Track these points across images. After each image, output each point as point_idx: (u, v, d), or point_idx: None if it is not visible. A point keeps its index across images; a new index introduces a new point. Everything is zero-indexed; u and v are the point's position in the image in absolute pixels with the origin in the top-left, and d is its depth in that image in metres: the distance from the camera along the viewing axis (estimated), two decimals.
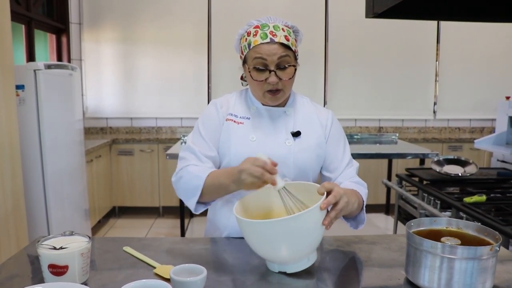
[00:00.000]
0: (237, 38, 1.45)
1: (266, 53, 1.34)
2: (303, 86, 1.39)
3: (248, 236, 1.14)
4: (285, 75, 1.38)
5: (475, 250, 0.99)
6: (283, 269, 1.15)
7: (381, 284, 1.11)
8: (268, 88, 1.39)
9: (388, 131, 5.38)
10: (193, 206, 1.39)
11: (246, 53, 1.39)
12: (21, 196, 2.63)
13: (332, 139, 1.52)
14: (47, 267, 1.04)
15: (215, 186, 1.33)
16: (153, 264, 1.20)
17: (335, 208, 1.13)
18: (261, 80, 1.37)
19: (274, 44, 1.34)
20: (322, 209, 1.09)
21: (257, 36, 1.35)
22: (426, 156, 3.77)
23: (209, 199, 1.40)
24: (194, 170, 1.38)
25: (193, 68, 5.14)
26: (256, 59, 1.35)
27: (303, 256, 1.13)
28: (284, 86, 1.40)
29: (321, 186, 1.17)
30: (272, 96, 1.41)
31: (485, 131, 5.47)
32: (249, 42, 1.37)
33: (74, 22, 4.90)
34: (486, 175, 2.86)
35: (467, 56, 5.31)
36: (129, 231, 4.41)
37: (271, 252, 1.12)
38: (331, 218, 1.12)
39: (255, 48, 1.35)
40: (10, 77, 2.52)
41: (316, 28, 5.13)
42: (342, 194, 1.15)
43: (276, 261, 1.15)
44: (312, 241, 1.12)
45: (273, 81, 1.36)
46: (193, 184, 1.36)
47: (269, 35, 1.34)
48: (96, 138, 4.67)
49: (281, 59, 1.35)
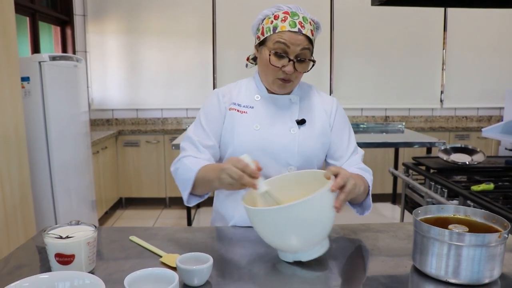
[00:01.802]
0: (260, 18, 1.43)
1: (291, 41, 1.33)
2: (308, 76, 1.38)
3: (258, 226, 1.12)
4: (302, 68, 1.39)
5: (483, 237, 0.98)
6: (297, 258, 1.14)
7: (388, 272, 1.11)
8: (281, 76, 1.39)
9: (394, 120, 5.35)
10: (186, 198, 1.40)
11: (268, 35, 1.38)
12: (28, 188, 2.65)
13: (337, 127, 1.51)
14: (53, 256, 1.04)
15: (204, 180, 1.33)
16: (159, 253, 1.20)
17: (343, 190, 1.12)
18: (278, 66, 1.37)
19: (301, 35, 1.34)
20: (333, 191, 1.08)
21: (285, 22, 1.34)
22: (433, 145, 3.74)
23: (201, 192, 1.40)
24: (188, 163, 1.38)
25: (198, 59, 5.13)
26: (278, 43, 1.34)
27: (316, 242, 1.12)
28: (296, 78, 1.41)
29: (327, 170, 1.16)
30: (282, 84, 1.41)
31: (492, 120, 5.42)
32: (275, 25, 1.36)
33: (78, 14, 4.89)
34: (493, 163, 2.84)
35: (474, 44, 5.25)
36: (136, 222, 4.43)
37: (284, 241, 1.10)
38: (341, 200, 1.11)
39: (280, 33, 1.34)
40: (15, 69, 2.52)
41: (321, 17, 5.04)
42: (349, 176, 1.14)
43: (290, 249, 1.13)
44: (324, 226, 1.11)
45: (290, 70, 1.36)
46: (186, 177, 1.36)
47: (298, 25, 1.34)
48: (102, 130, 4.68)
49: (303, 51, 1.36)
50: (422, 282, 1.06)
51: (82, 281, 0.89)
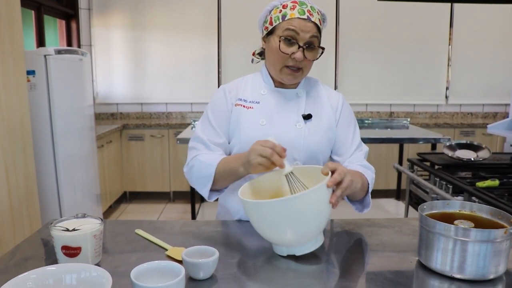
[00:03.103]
0: (268, 9, 1.44)
1: (300, 28, 1.34)
2: (313, 71, 1.37)
3: (254, 219, 1.13)
4: (311, 55, 1.38)
5: (489, 233, 0.98)
6: (291, 252, 1.14)
7: (393, 267, 1.11)
8: (290, 64, 1.38)
9: (399, 116, 5.33)
10: (207, 194, 1.40)
11: (277, 24, 1.38)
12: (33, 182, 2.66)
13: (343, 122, 1.51)
14: (60, 248, 1.05)
15: (225, 172, 1.34)
16: (165, 246, 1.20)
17: (340, 186, 1.13)
18: (287, 53, 1.36)
19: (310, 22, 1.35)
20: (329, 186, 1.08)
21: (294, 10, 1.35)
22: (438, 141, 3.73)
23: (221, 186, 1.41)
24: (205, 159, 1.39)
25: (203, 53, 5.12)
26: (288, 30, 1.35)
27: (311, 237, 1.13)
28: (305, 66, 1.40)
29: (324, 166, 1.16)
30: (291, 73, 1.40)
31: (498, 116, 5.39)
32: (284, 14, 1.36)
33: (83, 7, 4.89)
34: (499, 159, 2.82)
35: (480, 40, 5.22)
36: (140, 216, 4.45)
37: (279, 235, 1.11)
38: (337, 196, 1.11)
39: (289, 21, 1.35)
40: (21, 63, 2.53)
41: (327, 12, 4.99)
42: (346, 172, 1.15)
43: (284, 243, 1.14)
44: (319, 221, 1.11)
45: (299, 57, 1.35)
46: (205, 173, 1.37)
47: (307, 13, 1.35)
48: (107, 124, 4.69)
49: (312, 39, 1.36)
50: (427, 277, 1.06)
51: (89, 274, 0.89)
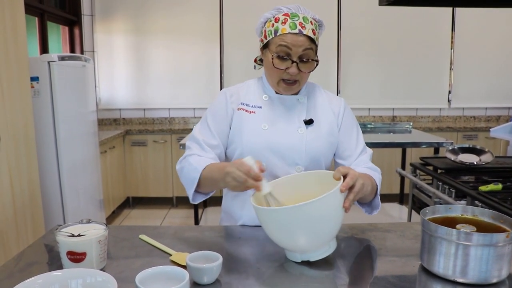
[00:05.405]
0: (262, 21, 1.44)
1: (292, 43, 1.34)
2: (315, 75, 1.37)
3: (268, 225, 1.13)
4: (306, 68, 1.39)
5: (491, 237, 0.99)
6: (305, 258, 1.14)
7: (396, 272, 1.11)
8: (286, 78, 1.39)
9: (402, 120, 5.33)
10: (191, 196, 1.42)
11: (270, 39, 1.38)
12: (37, 187, 2.67)
13: (345, 127, 1.52)
14: (65, 254, 1.05)
15: (209, 180, 1.35)
16: (169, 252, 1.21)
17: (352, 190, 1.13)
18: (282, 68, 1.37)
19: (302, 36, 1.34)
20: (342, 191, 1.09)
21: (286, 24, 1.35)
22: (441, 145, 3.73)
23: (206, 190, 1.42)
24: (193, 162, 1.40)
25: (205, 58, 5.14)
26: (281, 46, 1.35)
27: (325, 242, 1.13)
28: (301, 78, 1.41)
29: (336, 170, 1.16)
30: (286, 86, 1.42)
31: (501, 120, 5.38)
32: (276, 28, 1.36)
33: (86, 14, 4.92)
34: (502, 163, 2.82)
35: (482, 44, 5.22)
36: (143, 222, 4.45)
37: (294, 241, 1.10)
38: (350, 201, 1.12)
39: (281, 36, 1.35)
40: (25, 69, 2.55)
41: (328, 17, 5.08)
42: (357, 176, 1.15)
43: (299, 249, 1.14)
44: (333, 226, 1.12)
45: (294, 72, 1.36)
46: (191, 176, 1.38)
47: (298, 26, 1.34)
48: (110, 129, 4.71)
49: (305, 52, 1.35)
50: (430, 281, 1.06)
51: (94, 279, 0.90)
